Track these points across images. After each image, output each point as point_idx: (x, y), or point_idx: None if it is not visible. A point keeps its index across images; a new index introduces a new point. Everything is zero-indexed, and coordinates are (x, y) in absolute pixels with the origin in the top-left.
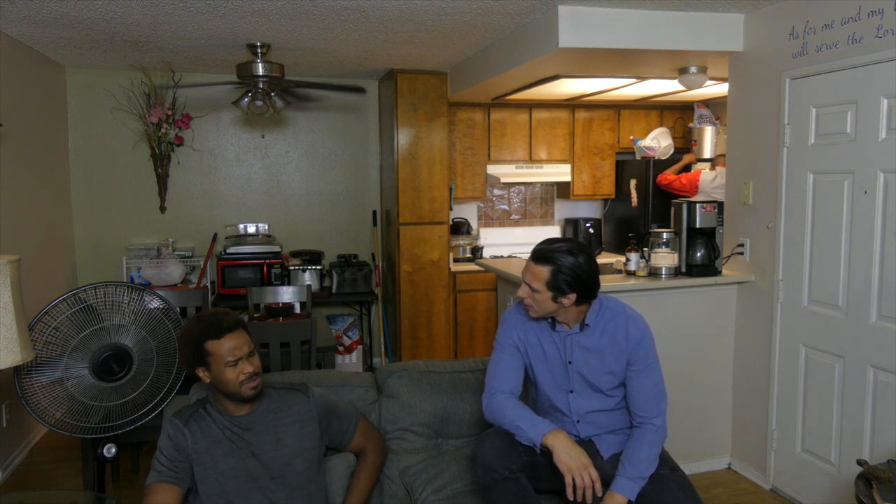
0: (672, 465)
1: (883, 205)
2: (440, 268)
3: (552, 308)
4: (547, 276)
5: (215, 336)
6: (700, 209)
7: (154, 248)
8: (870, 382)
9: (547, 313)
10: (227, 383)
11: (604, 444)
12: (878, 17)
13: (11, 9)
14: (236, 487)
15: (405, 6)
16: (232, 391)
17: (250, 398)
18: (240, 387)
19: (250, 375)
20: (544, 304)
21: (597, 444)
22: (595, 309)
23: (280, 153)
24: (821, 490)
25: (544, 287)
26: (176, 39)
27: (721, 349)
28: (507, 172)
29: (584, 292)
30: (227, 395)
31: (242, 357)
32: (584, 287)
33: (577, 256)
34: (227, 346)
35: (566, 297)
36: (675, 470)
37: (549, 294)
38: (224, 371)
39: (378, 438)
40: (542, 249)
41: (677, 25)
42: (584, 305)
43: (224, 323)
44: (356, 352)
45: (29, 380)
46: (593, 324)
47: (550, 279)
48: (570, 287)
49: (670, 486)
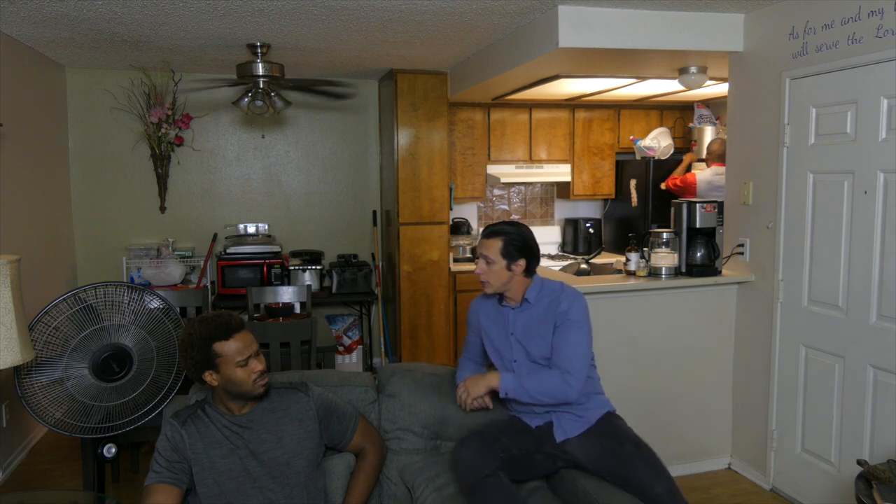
0: (635, 440)
1: (883, 205)
2: (440, 268)
3: (506, 277)
4: (500, 245)
5: (224, 337)
6: (700, 209)
7: (154, 248)
8: (870, 382)
9: (501, 285)
10: (240, 383)
11: (560, 426)
12: (878, 17)
13: (11, 9)
14: (235, 488)
15: (405, 6)
16: (244, 390)
17: (262, 396)
18: (252, 385)
19: (261, 373)
20: (499, 274)
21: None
22: (536, 287)
23: (280, 153)
24: (821, 490)
25: (499, 256)
26: (176, 39)
27: (721, 349)
28: (507, 172)
29: (530, 258)
30: (236, 396)
31: (251, 356)
32: (531, 252)
33: (520, 227)
34: (236, 346)
35: (517, 263)
36: (638, 445)
37: (504, 262)
38: (235, 371)
39: (377, 439)
40: (490, 228)
41: (677, 25)
42: (527, 279)
43: (231, 323)
44: (356, 352)
45: (29, 380)
46: (533, 300)
47: (503, 247)
48: (519, 252)
49: (636, 463)
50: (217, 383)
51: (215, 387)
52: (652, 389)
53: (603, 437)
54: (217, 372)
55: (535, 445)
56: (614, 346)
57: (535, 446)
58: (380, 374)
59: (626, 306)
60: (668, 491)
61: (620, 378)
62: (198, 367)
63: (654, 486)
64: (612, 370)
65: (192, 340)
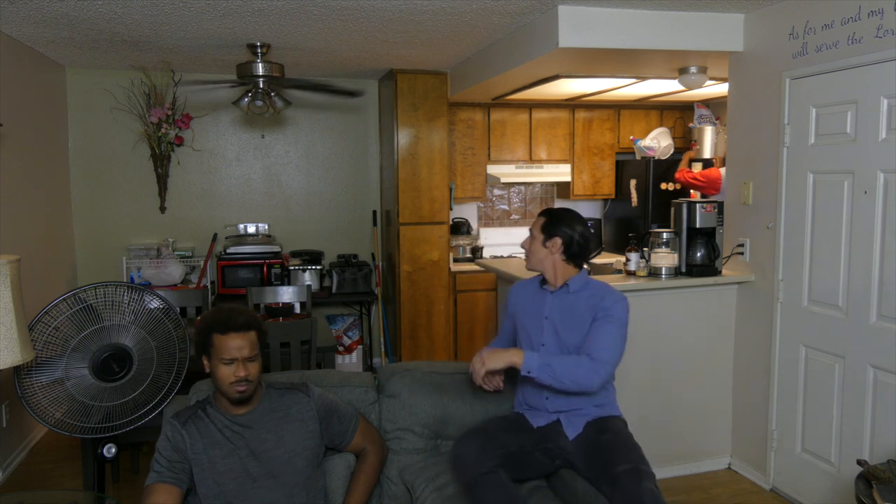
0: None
1: (883, 205)
2: (440, 268)
3: (542, 254)
4: (542, 221)
5: (221, 331)
6: (700, 209)
7: (154, 248)
8: (870, 382)
9: (538, 262)
10: (219, 379)
11: (570, 424)
12: (878, 17)
13: (11, 9)
14: (235, 488)
15: (405, 6)
16: (221, 388)
17: (235, 401)
18: (228, 386)
19: (240, 380)
20: (536, 249)
21: (563, 424)
22: (581, 278)
23: (280, 153)
24: (821, 490)
25: (539, 231)
26: (176, 39)
27: (721, 349)
28: (507, 172)
29: (570, 242)
30: (218, 390)
31: (239, 359)
32: (568, 235)
33: (568, 212)
34: (228, 344)
35: (552, 240)
36: (617, 435)
37: (541, 237)
38: (219, 366)
39: (378, 439)
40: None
41: (677, 25)
42: (570, 266)
43: (234, 321)
44: (356, 352)
45: (29, 380)
46: (574, 289)
47: (543, 224)
48: (556, 232)
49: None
50: (208, 370)
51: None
52: (652, 389)
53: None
54: (209, 360)
55: (535, 444)
56: None
57: (533, 444)
58: (380, 374)
59: None
60: (629, 470)
61: (620, 378)
62: (198, 348)
63: (617, 465)
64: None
65: (201, 323)
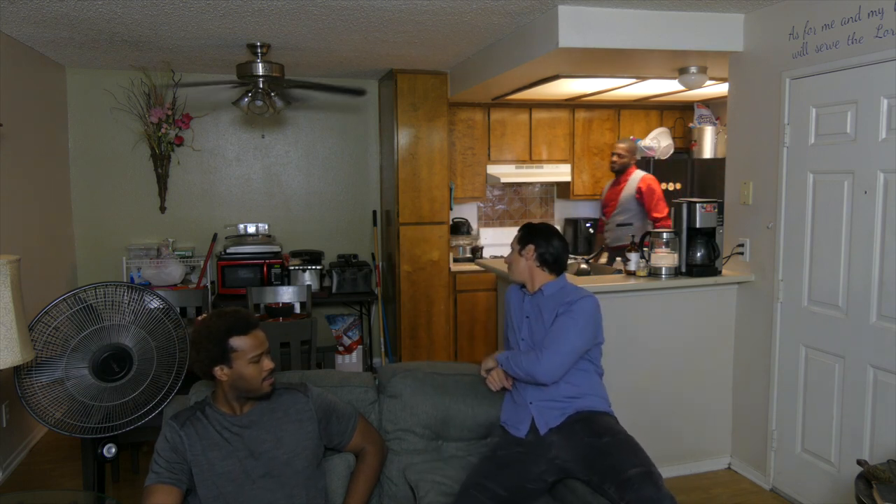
0: (614, 431)
1: (883, 205)
2: (440, 268)
3: (520, 263)
4: (518, 235)
5: (243, 332)
6: (700, 209)
7: (154, 248)
8: (870, 382)
9: (517, 271)
10: (250, 379)
11: (540, 415)
12: (878, 17)
13: (11, 9)
14: (235, 489)
15: (405, 6)
16: (252, 388)
17: (269, 395)
18: (261, 383)
19: (270, 372)
20: (515, 258)
21: (535, 419)
22: (557, 283)
23: (280, 153)
24: (821, 490)
25: (517, 242)
26: (176, 39)
27: (721, 349)
28: (507, 172)
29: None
30: (241, 393)
31: (263, 353)
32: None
33: (545, 225)
34: (252, 342)
35: (526, 248)
36: (616, 435)
37: (518, 247)
38: (247, 367)
39: (377, 439)
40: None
41: (677, 25)
42: (544, 272)
43: (250, 319)
44: (356, 352)
45: (29, 380)
46: (548, 292)
47: (521, 236)
48: (528, 240)
49: (611, 451)
50: (226, 378)
51: (223, 382)
52: (652, 389)
53: (585, 433)
54: (229, 367)
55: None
56: (614, 346)
57: (524, 477)
58: (380, 375)
59: (626, 306)
60: (641, 473)
61: (620, 378)
62: (211, 360)
63: (627, 469)
64: (612, 370)
65: (210, 333)
